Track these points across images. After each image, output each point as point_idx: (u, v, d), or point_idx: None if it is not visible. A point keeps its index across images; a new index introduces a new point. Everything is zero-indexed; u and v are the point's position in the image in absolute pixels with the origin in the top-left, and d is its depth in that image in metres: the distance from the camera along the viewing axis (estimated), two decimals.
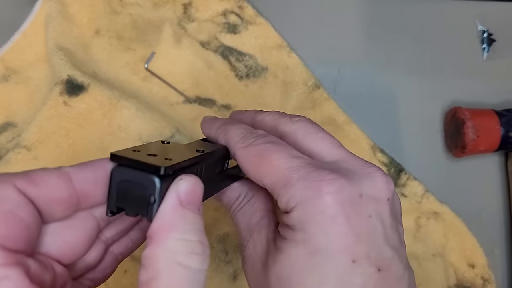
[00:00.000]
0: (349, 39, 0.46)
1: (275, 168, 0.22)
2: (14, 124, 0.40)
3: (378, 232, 0.21)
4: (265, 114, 0.27)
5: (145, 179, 0.19)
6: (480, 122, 0.42)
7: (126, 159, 0.20)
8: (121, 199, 0.20)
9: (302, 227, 0.21)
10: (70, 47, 0.40)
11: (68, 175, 0.20)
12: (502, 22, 0.48)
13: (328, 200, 0.20)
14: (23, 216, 0.18)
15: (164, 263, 0.18)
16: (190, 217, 0.19)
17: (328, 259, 0.20)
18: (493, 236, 0.44)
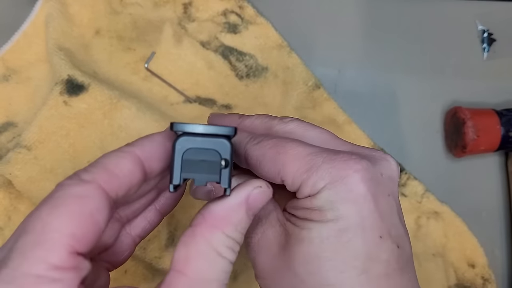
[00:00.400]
0: (349, 39, 0.46)
1: (294, 155, 0.22)
2: (14, 124, 0.40)
3: (394, 211, 0.23)
4: (253, 118, 0.27)
5: (216, 143, 0.20)
6: (481, 122, 0.42)
7: (192, 126, 0.20)
8: (187, 170, 0.20)
9: (333, 206, 0.21)
10: (70, 47, 0.40)
11: (139, 158, 0.20)
12: (502, 22, 0.48)
13: (357, 178, 0.21)
14: (100, 221, 0.18)
15: (207, 248, 0.19)
16: (245, 221, 0.20)
17: (359, 235, 0.21)
18: (493, 236, 0.44)
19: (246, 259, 0.39)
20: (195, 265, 0.18)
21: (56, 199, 0.18)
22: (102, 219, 0.18)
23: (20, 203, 0.39)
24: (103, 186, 0.18)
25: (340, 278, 0.21)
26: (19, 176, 0.37)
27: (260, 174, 0.24)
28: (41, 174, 0.37)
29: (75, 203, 0.17)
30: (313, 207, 0.22)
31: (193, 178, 0.20)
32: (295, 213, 0.23)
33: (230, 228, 0.19)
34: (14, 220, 0.38)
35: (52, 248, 0.16)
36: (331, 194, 0.21)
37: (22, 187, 0.37)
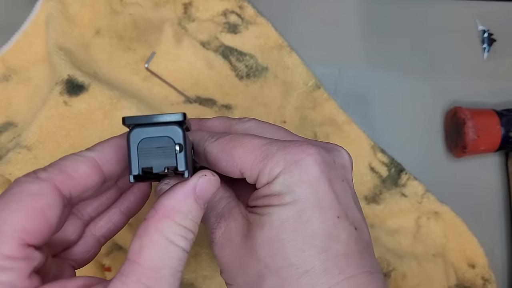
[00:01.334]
0: (349, 39, 0.46)
1: (250, 147, 0.23)
2: (14, 124, 0.40)
3: (349, 195, 0.24)
4: (213, 119, 0.29)
5: (167, 129, 0.20)
6: (481, 122, 0.42)
7: (143, 118, 0.21)
8: (144, 159, 0.21)
9: (290, 189, 0.22)
10: (70, 47, 0.40)
11: (97, 162, 0.21)
12: (502, 22, 0.48)
13: (311, 161, 0.22)
14: (51, 217, 0.19)
15: (159, 238, 0.20)
16: (195, 209, 0.21)
17: (318, 215, 0.22)
18: (493, 236, 0.44)
19: None
20: (148, 254, 0.19)
21: (11, 195, 0.19)
22: (54, 215, 0.20)
23: None
24: (58, 186, 0.20)
25: (301, 257, 0.22)
26: (19, 176, 0.37)
27: (220, 169, 0.24)
28: None
29: (28, 200, 0.19)
30: (272, 193, 0.23)
31: (151, 166, 0.21)
32: (255, 203, 0.24)
33: (180, 216, 0.20)
34: None
35: (3, 240, 0.18)
36: (287, 178, 0.22)
37: None
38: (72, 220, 0.25)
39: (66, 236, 0.25)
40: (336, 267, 0.22)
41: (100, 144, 0.22)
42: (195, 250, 0.38)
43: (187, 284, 0.37)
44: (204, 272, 0.38)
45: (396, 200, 0.43)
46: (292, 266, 0.22)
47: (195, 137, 0.26)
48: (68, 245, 0.25)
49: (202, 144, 0.25)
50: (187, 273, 0.37)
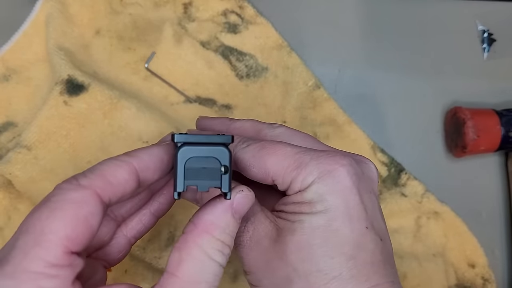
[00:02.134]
0: (349, 39, 0.46)
1: (283, 155, 0.24)
2: (14, 123, 0.40)
3: (376, 206, 0.24)
4: (243, 121, 0.29)
5: (215, 150, 0.21)
6: (481, 122, 0.42)
7: (192, 137, 0.21)
8: (190, 177, 0.21)
9: (322, 198, 0.23)
10: (70, 47, 0.40)
11: (135, 168, 0.21)
12: (502, 22, 0.48)
13: (344, 172, 0.23)
14: (93, 224, 0.20)
15: (197, 252, 0.20)
16: (232, 224, 0.22)
17: (347, 224, 0.23)
18: (493, 236, 0.44)
19: None
20: (186, 267, 0.20)
21: (55, 202, 0.19)
22: (96, 223, 0.20)
23: (20, 203, 0.38)
24: (99, 192, 0.20)
25: (330, 263, 0.22)
26: (19, 176, 0.37)
27: (250, 175, 0.25)
28: (41, 174, 0.37)
29: (71, 208, 0.19)
30: (303, 201, 0.23)
31: (196, 185, 0.21)
32: (285, 209, 0.24)
33: (218, 231, 0.21)
34: (14, 220, 0.38)
35: (50, 248, 0.18)
36: (320, 187, 0.23)
37: (22, 187, 0.37)
38: (106, 221, 0.25)
39: (100, 237, 0.25)
40: (362, 275, 0.22)
41: (139, 150, 0.22)
42: None
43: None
44: None
45: (396, 200, 0.43)
46: (321, 271, 0.22)
47: None
48: (101, 246, 0.26)
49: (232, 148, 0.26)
50: None
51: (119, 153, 0.40)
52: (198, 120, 0.33)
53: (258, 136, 0.28)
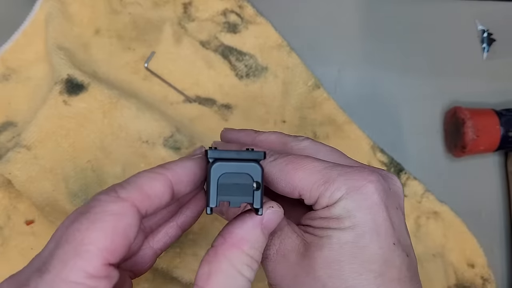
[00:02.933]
0: (349, 39, 0.46)
1: (311, 170, 0.24)
2: (14, 123, 0.40)
3: (402, 223, 0.25)
4: (268, 133, 0.29)
5: (247, 167, 0.21)
6: (480, 122, 0.42)
7: (225, 153, 0.21)
8: (223, 193, 0.21)
9: (350, 214, 0.23)
10: (70, 46, 0.40)
11: (170, 181, 0.22)
12: (502, 22, 0.48)
13: (372, 188, 0.23)
14: (131, 236, 0.20)
15: (227, 266, 0.21)
16: (261, 239, 0.22)
17: (375, 241, 0.23)
18: (492, 236, 0.44)
19: None
20: (216, 281, 0.20)
21: (95, 214, 0.20)
22: (133, 235, 0.20)
23: (19, 203, 0.39)
24: (136, 204, 0.20)
25: (358, 280, 0.22)
26: (19, 175, 0.37)
27: (277, 189, 0.25)
28: (40, 173, 0.37)
29: (111, 220, 0.19)
30: (331, 216, 0.23)
31: (228, 200, 0.22)
32: (312, 224, 0.24)
33: (248, 246, 0.21)
34: (14, 220, 0.38)
35: (89, 259, 0.19)
36: (348, 203, 0.23)
37: (21, 187, 0.37)
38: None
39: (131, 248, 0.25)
40: None
41: (173, 163, 0.23)
42: (193, 251, 0.38)
43: (186, 283, 0.37)
44: None
45: None
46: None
47: None
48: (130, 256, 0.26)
49: None
50: (187, 273, 0.37)
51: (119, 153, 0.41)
52: (223, 132, 0.33)
53: (283, 148, 0.28)
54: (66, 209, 0.37)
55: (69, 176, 0.38)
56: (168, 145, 0.39)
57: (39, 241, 0.38)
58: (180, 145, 0.39)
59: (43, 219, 0.38)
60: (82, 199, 0.38)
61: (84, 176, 0.38)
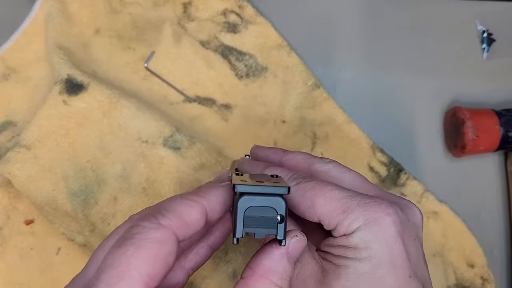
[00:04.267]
0: (349, 39, 0.46)
1: (331, 198, 0.25)
2: (13, 123, 0.40)
3: (420, 254, 0.26)
4: (296, 153, 0.30)
5: (272, 201, 0.22)
6: (480, 122, 0.42)
7: (252, 188, 0.22)
8: (249, 225, 0.23)
9: (367, 245, 0.23)
10: (70, 46, 0.40)
11: (205, 209, 0.23)
12: (502, 22, 0.48)
13: (389, 221, 0.24)
14: (170, 262, 0.21)
15: None
16: (289, 269, 0.23)
17: (391, 273, 0.23)
18: (492, 236, 0.44)
19: (246, 259, 0.39)
20: None
21: (140, 240, 0.21)
22: (172, 261, 0.21)
23: (19, 203, 0.39)
24: (176, 232, 0.22)
25: None
26: (18, 175, 0.37)
27: (298, 212, 0.26)
28: (40, 173, 0.37)
29: (154, 247, 0.21)
30: (349, 245, 0.24)
31: (253, 232, 0.23)
32: (330, 251, 0.25)
33: (276, 276, 0.22)
34: (13, 220, 0.38)
35: (133, 284, 0.20)
36: (365, 234, 0.24)
37: (21, 187, 0.37)
38: None
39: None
40: None
41: (208, 191, 0.24)
42: None
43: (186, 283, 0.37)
44: (203, 272, 0.38)
45: None
46: None
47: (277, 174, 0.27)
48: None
49: None
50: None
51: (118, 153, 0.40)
52: (253, 149, 0.34)
53: (309, 169, 0.29)
54: (65, 208, 0.37)
55: (68, 176, 0.38)
56: (168, 145, 0.39)
57: (38, 241, 0.38)
58: (180, 145, 0.39)
59: (42, 219, 0.38)
60: (81, 198, 0.38)
61: (84, 176, 0.38)
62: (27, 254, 0.38)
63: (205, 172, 0.39)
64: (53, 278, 0.38)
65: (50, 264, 0.38)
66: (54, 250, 0.38)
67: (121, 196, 0.38)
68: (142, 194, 0.38)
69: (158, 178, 0.39)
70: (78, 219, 0.37)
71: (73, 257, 0.38)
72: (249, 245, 0.39)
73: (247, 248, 0.39)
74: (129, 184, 0.38)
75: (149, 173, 0.39)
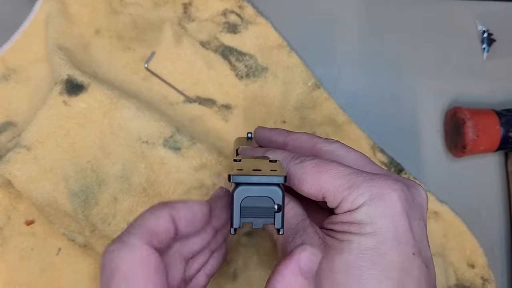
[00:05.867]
0: (349, 39, 0.46)
1: (336, 174, 0.24)
2: (14, 123, 0.40)
3: (423, 234, 0.25)
4: (300, 134, 0.30)
5: (269, 190, 0.22)
6: (480, 122, 0.42)
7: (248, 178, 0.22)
8: (245, 215, 0.23)
9: (372, 221, 0.23)
10: (70, 46, 0.40)
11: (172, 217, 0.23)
12: (502, 22, 0.48)
13: (395, 197, 0.24)
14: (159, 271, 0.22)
15: None
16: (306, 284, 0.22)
17: (395, 248, 0.23)
18: (493, 236, 0.44)
19: (246, 259, 0.39)
20: None
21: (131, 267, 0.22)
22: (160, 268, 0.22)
23: (19, 203, 0.39)
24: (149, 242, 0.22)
25: (377, 287, 0.22)
26: (19, 176, 0.37)
27: (301, 190, 0.25)
28: (40, 174, 0.37)
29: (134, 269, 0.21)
30: (353, 221, 0.24)
31: (251, 222, 0.23)
32: (333, 228, 0.25)
33: None
34: (14, 220, 0.38)
35: None
36: (370, 209, 0.23)
37: (21, 187, 0.37)
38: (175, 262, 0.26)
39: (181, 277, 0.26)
40: None
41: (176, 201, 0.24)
42: None
43: None
44: None
45: None
46: None
47: (278, 156, 0.27)
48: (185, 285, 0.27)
49: (285, 164, 0.26)
50: None
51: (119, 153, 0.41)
52: (257, 129, 0.34)
53: (313, 149, 0.28)
54: (66, 209, 0.37)
55: (69, 176, 0.38)
56: (168, 145, 0.39)
57: (39, 242, 0.38)
58: (180, 146, 0.39)
59: (43, 219, 0.38)
60: (82, 199, 0.38)
61: (84, 176, 0.38)
62: (28, 254, 0.38)
63: (205, 172, 0.39)
64: (53, 278, 0.38)
65: (51, 264, 0.38)
66: (54, 251, 0.38)
67: (122, 196, 0.38)
68: (143, 194, 0.38)
69: (159, 178, 0.39)
70: (79, 220, 0.37)
71: (74, 258, 0.38)
72: (250, 245, 0.39)
73: (247, 248, 0.39)
74: (130, 184, 0.38)
75: (150, 174, 0.39)
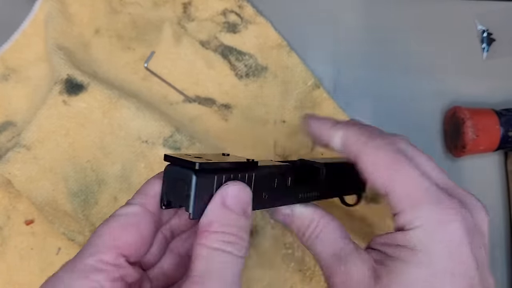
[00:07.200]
0: (349, 39, 0.46)
1: (410, 182, 0.23)
2: (14, 123, 0.40)
3: (485, 262, 0.24)
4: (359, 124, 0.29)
5: (184, 173, 0.22)
6: (480, 122, 0.42)
7: (172, 158, 0.23)
8: (169, 193, 0.23)
9: (426, 249, 0.22)
10: (70, 46, 0.40)
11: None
12: (502, 22, 0.48)
13: (456, 226, 0.22)
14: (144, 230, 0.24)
15: (203, 250, 0.21)
16: (232, 217, 0.22)
17: (450, 281, 0.21)
18: (493, 236, 0.44)
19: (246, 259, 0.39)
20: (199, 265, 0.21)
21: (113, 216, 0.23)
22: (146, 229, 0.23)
23: (19, 203, 0.39)
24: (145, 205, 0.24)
25: None
26: (19, 175, 0.37)
27: (367, 174, 0.24)
28: (40, 173, 0.37)
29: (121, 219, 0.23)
30: (405, 245, 0.22)
31: (170, 201, 0.24)
32: (383, 250, 0.23)
33: (216, 225, 0.22)
34: (13, 220, 0.38)
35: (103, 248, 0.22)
36: (427, 235, 0.22)
37: (21, 187, 0.37)
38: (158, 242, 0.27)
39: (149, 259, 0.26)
40: None
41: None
42: None
43: None
44: None
45: None
46: None
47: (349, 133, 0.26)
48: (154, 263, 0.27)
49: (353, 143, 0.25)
50: None
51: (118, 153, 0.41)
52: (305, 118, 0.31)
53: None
54: (65, 208, 0.37)
55: (68, 176, 0.38)
56: (168, 145, 0.39)
57: (38, 241, 0.38)
58: (180, 145, 0.39)
59: (42, 219, 0.38)
60: (81, 198, 0.38)
61: (84, 176, 0.38)
62: (27, 254, 0.38)
63: None
64: None
65: (50, 264, 0.38)
66: (54, 250, 0.38)
67: (121, 196, 0.38)
68: None
69: None
70: (78, 219, 0.37)
71: None
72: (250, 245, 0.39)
73: None
74: (129, 184, 0.38)
75: (149, 173, 0.39)
